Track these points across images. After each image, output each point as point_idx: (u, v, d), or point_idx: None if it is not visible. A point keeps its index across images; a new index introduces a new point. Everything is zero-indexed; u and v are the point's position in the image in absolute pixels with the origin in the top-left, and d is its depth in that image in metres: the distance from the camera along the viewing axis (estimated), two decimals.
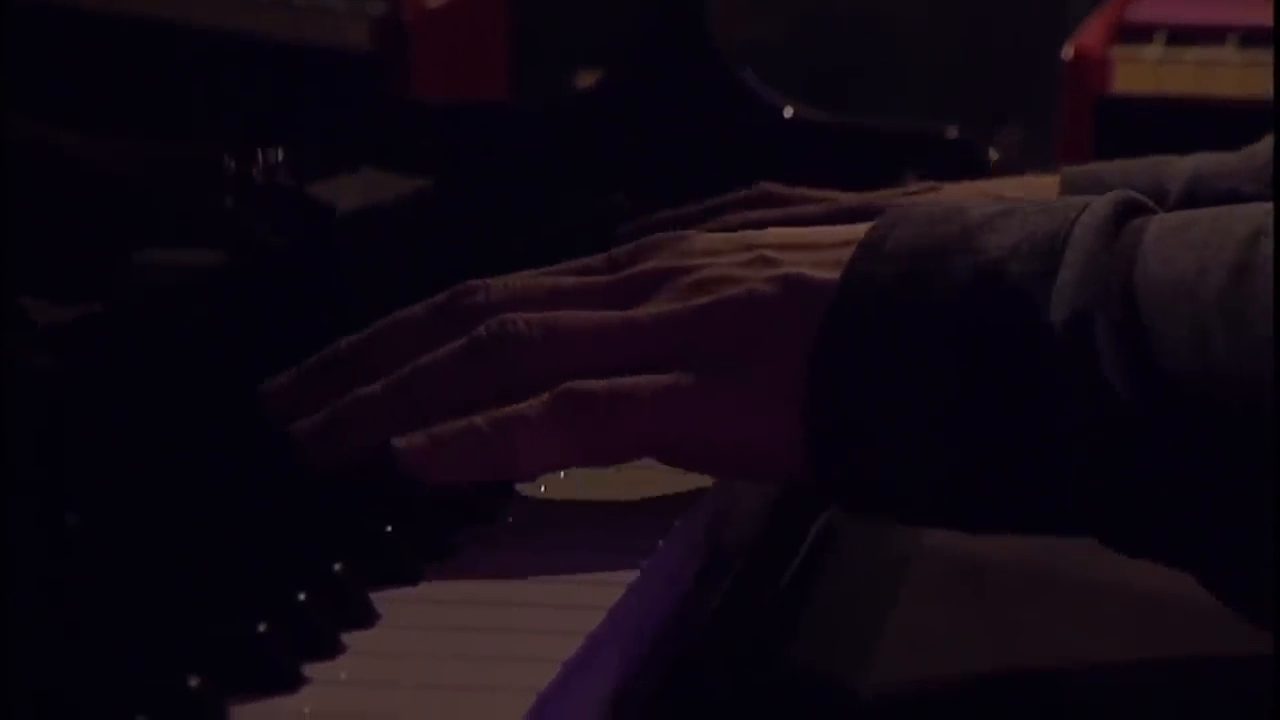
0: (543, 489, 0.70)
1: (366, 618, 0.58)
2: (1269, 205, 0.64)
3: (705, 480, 0.70)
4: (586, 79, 1.26)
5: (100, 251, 0.82)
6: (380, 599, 0.59)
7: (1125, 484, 0.62)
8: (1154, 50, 1.56)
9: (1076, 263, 0.63)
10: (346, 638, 0.57)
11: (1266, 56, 1.53)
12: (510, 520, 0.67)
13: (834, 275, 0.66)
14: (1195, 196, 0.88)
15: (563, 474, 0.70)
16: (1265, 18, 1.50)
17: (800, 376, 0.65)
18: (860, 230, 0.68)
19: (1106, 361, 0.61)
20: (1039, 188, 0.92)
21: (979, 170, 1.14)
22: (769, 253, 0.68)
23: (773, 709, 0.70)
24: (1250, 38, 1.55)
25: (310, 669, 0.54)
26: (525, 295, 0.69)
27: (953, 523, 0.66)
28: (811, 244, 0.68)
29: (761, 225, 0.92)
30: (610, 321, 0.67)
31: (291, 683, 0.54)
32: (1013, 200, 0.91)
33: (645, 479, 0.69)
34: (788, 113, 1.19)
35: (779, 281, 0.67)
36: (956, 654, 0.73)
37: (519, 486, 0.69)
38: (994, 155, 1.18)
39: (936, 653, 0.74)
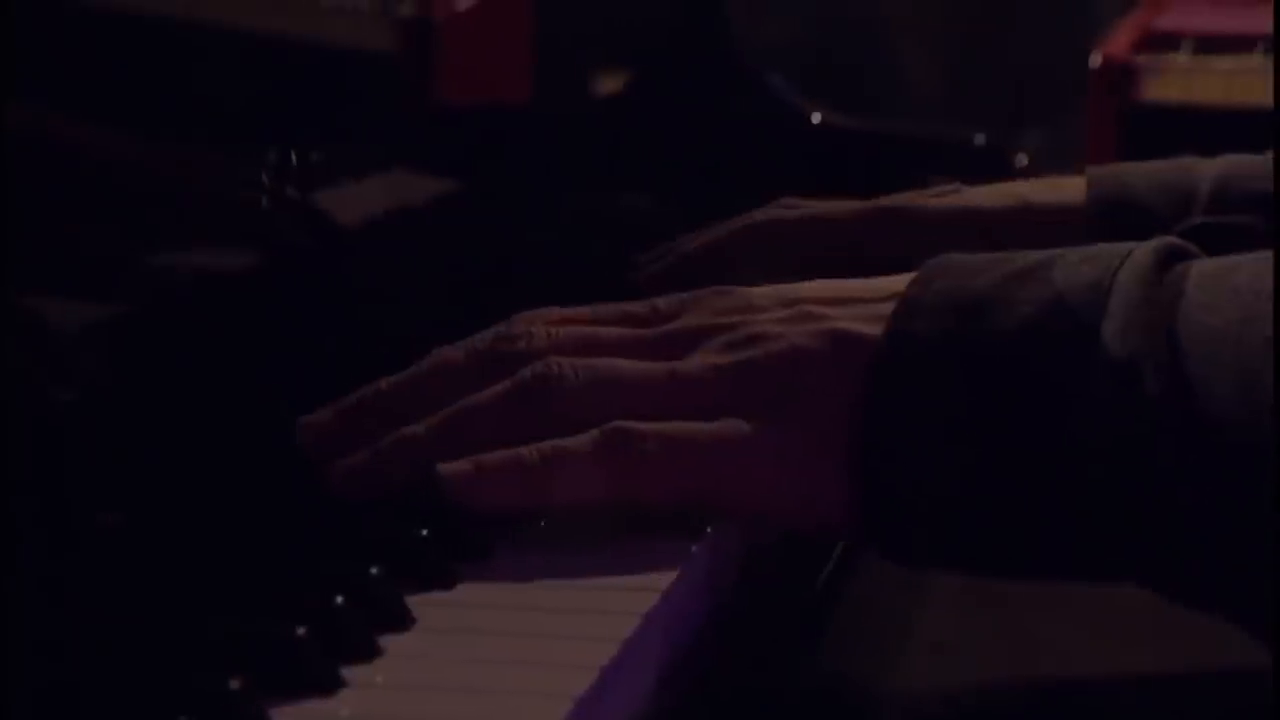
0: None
1: (402, 622, 0.58)
2: None
3: None
4: (610, 82, 1.26)
5: (130, 251, 0.82)
6: (416, 603, 0.59)
7: (1174, 533, 0.62)
8: (1182, 58, 1.56)
9: (1120, 314, 0.63)
10: (383, 641, 0.57)
11: None
12: (544, 524, 0.67)
13: (876, 330, 0.66)
14: (1225, 197, 0.87)
15: None
16: None
17: (844, 432, 0.65)
18: (902, 283, 0.68)
19: (1153, 411, 0.61)
20: (1065, 189, 0.91)
21: (1006, 176, 1.14)
22: (812, 307, 0.68)
23: (801, 713, 0.70)
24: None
25: (348, 672, 0.55)
26: (568, 343, 0.69)
27: (1000, 574, 0.66)
28: (854, 298, 0.68)
29: (780, 223, 0.91)
30: (654, 372, 0.68)
31: (329, 686, 0.54)
32: (1038, 205, 0.90)
33: None
34: (815, 118, 1.19)
35: (822, 337, 0.67)
36: (978, 661, 0.73)
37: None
38: (1021, 162, 1.18)
39: (958, 660, 0.74)
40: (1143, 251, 0.66)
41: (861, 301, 0.68)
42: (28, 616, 0.55)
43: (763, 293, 0.71)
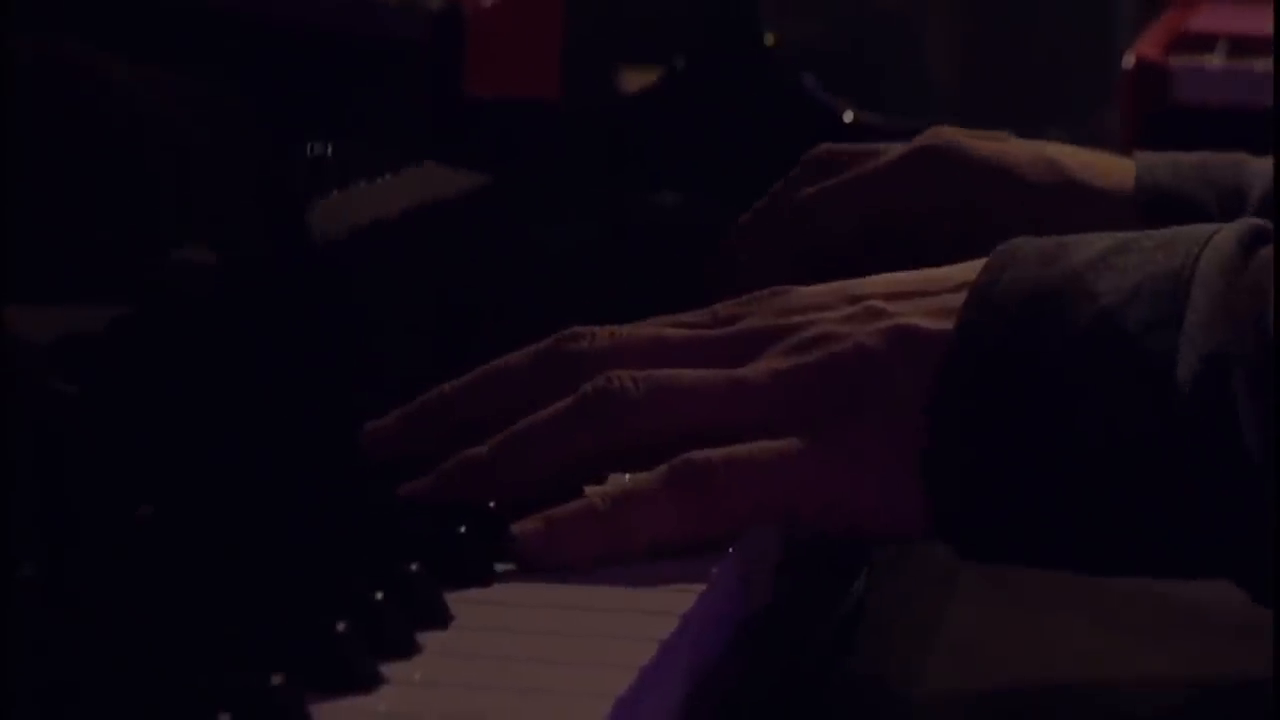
0: (611, 488, 0.69)
1: (441, 619, 0.58)
2: None
3: None
4: (641, 79, 1.26)
5: (155, 246, 0.82)
6: (454, 600, 0.59)
7: (1259, 534, 0.61)
8: (1215, 60, 1.55)
9: (1203, 305, 0.62)
10: (421, 638, 0.57)
11: None
12: None
13: (945, 325, 0.65)
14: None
15: (627, 477, 0.69)
16: None
17: (915, 432, 0.63)
18: (970, 271, 0.66)
19: (1240, 408, 0.60)
20: (1110, 173, 0.89)
21: None
22: (876, 303, 0.67)
23: (834, 715, 0.70)
24: None
25: (386, 669, 0.54)
26: (629, 346, 0.68)
27: (1077, 568, 0.65)
28: (920, 291, 0.67)
29: (822, 199, 0.89)
30: (717, 381, 0.66)
31: (369, 682, 0.54)
32: (1081, 185, 0.88)
33: None
34: (847, 117, 1.18)
35: (887, 334, 0.65)
36: (1005, 663, 0.73)
37: (589, 488, 0.68)
38: None
39: (986, 661, 0.73)
40: (1223, 237, 0.64)
41: (928, 294, 0.66)
42: (69, 613, 0.55)
43: (825, 290, 0.69)
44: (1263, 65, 1.53)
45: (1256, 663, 0.68)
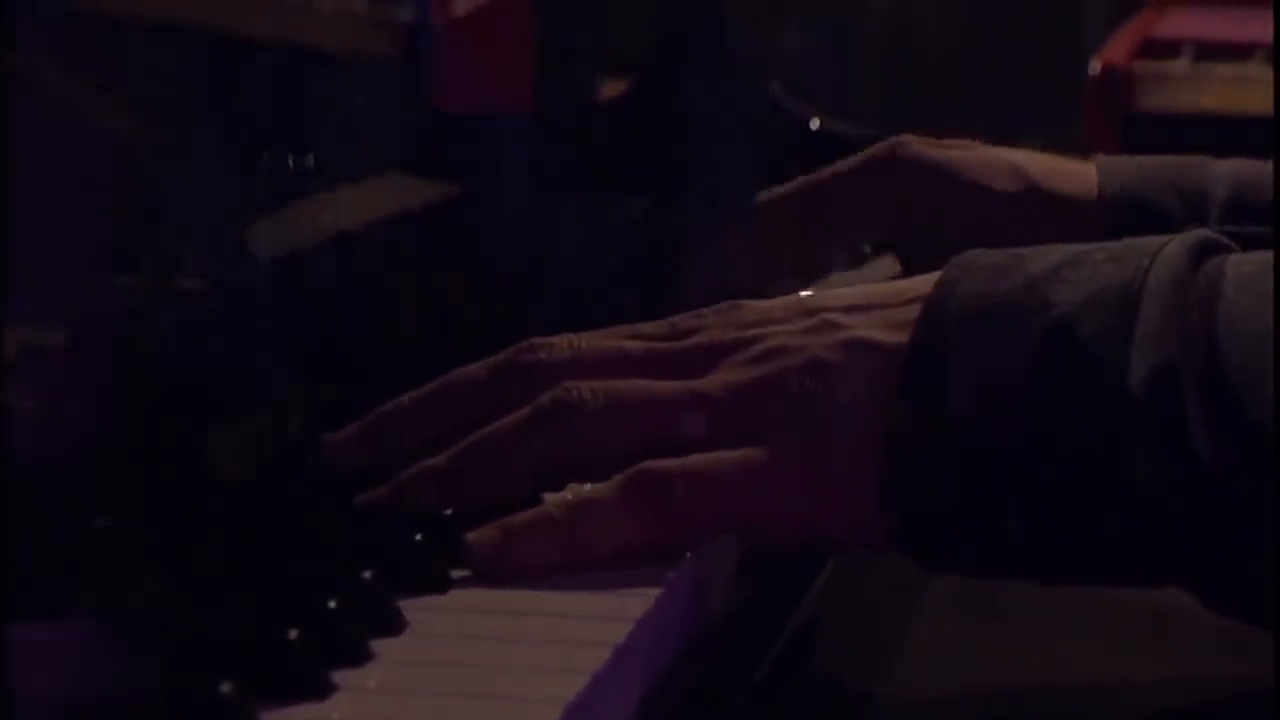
0: (569, 496, 0.69)
1: (395, 626, 0.58)
2: None
3: None
4: (611, 89, 1.26)
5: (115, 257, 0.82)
6: (408, 607, 0.59)
7: (1212, 542, 0.61)
8: (1181, 66, 1.56)
9: (1154, 318, 0.62)
10: (375, 645, 0.57)
11: None
12: None
13: (899, 338, 0.65)
14: (1240, 204, 0.86)
15: (589, 485, 0.69)
16: None
17: (871, 443, 0.64)
18: (925, 284, 0.66)
19: (1190, 418, 0.60)
20: (1072, 177, 0.89)
21: None
22: (832, 316, 0.67)
23: (795, 716, 0.70)
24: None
25: (339, 676, 0.55)
26: (587, 357, 0.68)
27: (1033, 579, 0.65)
28: (875, 304, 0.67)
29: (774, 204, 0.90)
30: (674, 392, 0.66)
31: (321, 690, 0.54)
32: (1045, 191, 0.88)
33: None
34: (814, 124, 1.19)
35: (843, 347, 0.66)
36: (972, 668, 0.73)
37: (546, 496, 0.68)
38: None
39: (953, 667, 0.73)
40: (1173, 250, 0.65)
41: (883, 307, 0.67)
42: (20, 620, 0.55)
43: (781, 303, 0.69)
44: (1226, 71, 1.54)
45: (1231, 669, 0.69)
